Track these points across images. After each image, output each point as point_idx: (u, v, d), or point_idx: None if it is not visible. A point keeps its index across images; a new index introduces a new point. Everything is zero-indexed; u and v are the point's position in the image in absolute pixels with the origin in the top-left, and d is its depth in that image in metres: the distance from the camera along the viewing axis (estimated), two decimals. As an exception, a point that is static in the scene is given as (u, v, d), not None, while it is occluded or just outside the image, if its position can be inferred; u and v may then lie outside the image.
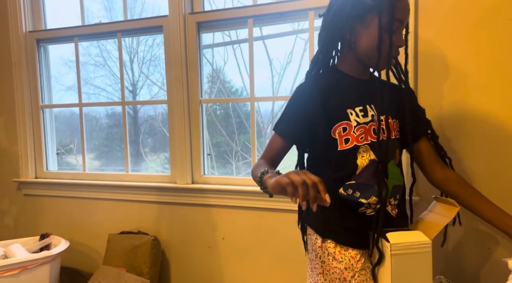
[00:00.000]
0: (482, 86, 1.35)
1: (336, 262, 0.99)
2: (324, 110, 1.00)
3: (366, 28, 0.98)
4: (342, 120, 1.00)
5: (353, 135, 0.99)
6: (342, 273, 0.98)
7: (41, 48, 2.18)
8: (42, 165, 2.20)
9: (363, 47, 1.00)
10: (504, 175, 1.35)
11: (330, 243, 1.01)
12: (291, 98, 1.05)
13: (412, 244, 0.91)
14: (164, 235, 1.93)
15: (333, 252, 1.00)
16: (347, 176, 1.00)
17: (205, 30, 1.85)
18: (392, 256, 0.89)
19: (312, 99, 1.00)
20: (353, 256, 0.99)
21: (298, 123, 1.02)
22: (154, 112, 2.12)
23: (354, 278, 0.97)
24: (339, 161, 1.00)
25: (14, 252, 1.79)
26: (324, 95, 1.00)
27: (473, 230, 1.41)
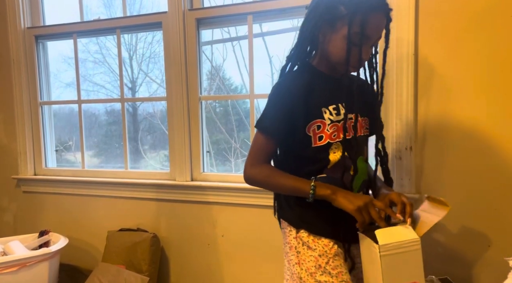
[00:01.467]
0: (481, 85, 1.35)
1: (310, 250, 1.03)
2: (303, 108, 1.02)
3: (335, 34, 0.99)
4: (317, 118, 1.03)
5: (326, 132, 1.03)
6: (317, 260, 1.02)
7: (39, 45, 2.17)
8: (41, 162, 2.19)
9: (329, 50, 1.03)
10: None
11: (303, 233, 1.05)
12: (274, 97, 1.06)
13: (401, 243, 0.91)
14: (163, 232, 1.92)
15: (307, 241, 1.04)
16: (319, 169, 1.04)
17: (205, 26, 1.84)
18: (381, 257, 0.89)
19: (294, 98, 1.02)
20: (326, 244, 1.03)
21: (285, 122, 1.03)
22: (153, 110, 2.12)
23: (329, 264, 1.01)
24: (313, 156, 1.04)
25: (13, 249, 1.79)
26: (304, 93, 1.03)
27: (472, 228, 1.41)
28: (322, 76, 1.08)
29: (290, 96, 1.03)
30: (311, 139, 1.04)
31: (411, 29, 1.40)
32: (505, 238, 1.36)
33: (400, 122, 1.45)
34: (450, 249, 1.44)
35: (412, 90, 1.42)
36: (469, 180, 1.39)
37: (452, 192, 1.41)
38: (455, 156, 1.40)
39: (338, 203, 0.96)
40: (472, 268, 1.42)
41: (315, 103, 1.03)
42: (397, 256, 0.91)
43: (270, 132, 1.05)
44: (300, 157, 1.06)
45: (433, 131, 1.42)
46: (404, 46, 1.41)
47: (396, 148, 1.46)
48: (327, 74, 1.08)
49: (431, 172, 1.44)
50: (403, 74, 1.43)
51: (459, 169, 1.40)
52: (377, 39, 1.02)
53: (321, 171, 1.04)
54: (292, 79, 1.08)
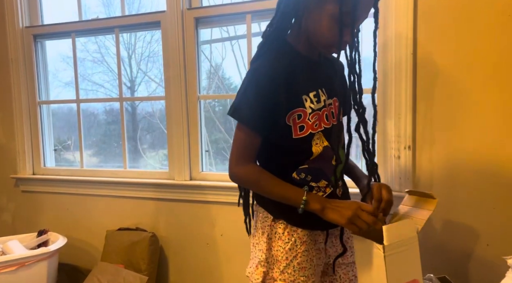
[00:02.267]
0: (481, 84, 1.35)
1: (282, 242, 1.02)
2: (284, 95, 0.94)
3: (322, 11, 0.92)
4: (298, 107, 0.97)
5: (308, 122, 0.97)
6: (286, 253, 1.01)
7: (38, 44, 2.16)
8: (39, 162, 2.19)
9: (313, 28, 0.95)
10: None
11: (281, 224, 1.02)
12: (252, 84, 0.95)
13: (402, 241, 0.91)
14: (162, 231, 1.92)
15: (281, 233, 1.02)
16: (300, 161, 1.00)
17: (203, 25, 1.84)
18: (386, 257, 0.89)
19: (275, 84, 0.93)
20: (300, 237, 1.01)
21: (267, 112, 0.95)
22: (152, 109, 2.11)
23: (296, 258, 1.01)
24: (293, 148, 0.98)
25: (11, 248, 1.79)
26: (284, 79, 0.94)
27: (470, 227, 1.41)
28: (300, 58, 1.00)
29: (270, 82, 0.93)
30: (291, 129, 0.97)
31: (409, 28, 1.40)
32: (504, 237, 1.37)
33: (399, 121, 1.45)
34: (449, 248, 1.44)
35: (411, 89, 1.42)
36: (468, 180, 1.39)
37: (451, 191, 1.41)
38: (454, 155, 1.40)
39: (328, 218, 0.94)
40: (471, 267, 1.42)
41: (296, 90, 0.96)
42: (399, 254, 0.90)
43: (254, 125, 0.96)
44: (279, 148, 1.00)
45: (432, 130, 1.42)
46: (403, 46, 1.42)
47: (395, 147, 1.46)
48: (304, 55, 1.01)
49: (430, 171, 1.44)
50: (402, 73, 1.43)
51: (458, 169, 1.40)
52: (364, 19, 0.96)
53: (302, 163, 1.00)
54: (271, 62, 0.96)
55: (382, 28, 1.45)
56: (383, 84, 1.47)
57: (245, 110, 0.96)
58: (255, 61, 1.02)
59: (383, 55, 1.46)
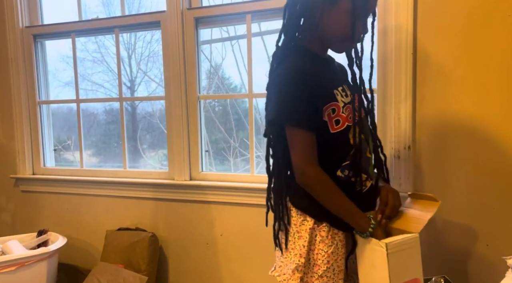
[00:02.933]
0: (481, 84, 1.35)
1: (325, 245, 1.00)
2: (317, 90, 0.95)
3: (337, 12, 0.96)
4: (331, 101, 0.98)
5: (342, 115, 0.98)
6: (328, 256, 1.00)
7: (38, 44, 2.16)
8: (39, 161, 2.19)
9: (330, 27, 0.99)
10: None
11: (324, 227, 1.01)
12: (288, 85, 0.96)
13: (404, 240, 0.93)
14: (162, 231, 1.92)
15: (324, 236, 1.01)
16: (342, 158, 1.00)
17: (203, 25, 1.84)
18: (388, 255, 0.90)
19: (310, 79, 0.95)
20: (341, 240, 1.02)
21: (310, 108, 0.94)
22: (152, 109, 2.11)
23: (337, 262, 1.01)
24: (333, 144, 0.98)
25: (11, 248, 1.79)
26: (315, 76, 0.96)
27: (470, 227, 1.41)
28: (318, 58, 1.03)
29: (304, 78, 0.94)
30: (327, 125, 0.97)
31: (409, 27, 1.40)
32: (503, 237, 1.37)
33: (399, 121, 1.45)
34: (448, 248, 1.44)
35: (411, 88, 1.42)
36: (467, 179, 1.39)
37: (451, 191, 1.41)
38: (454, 155, 1.40)
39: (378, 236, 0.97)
40: (470, 267, 1.42)
41: (326, 85, 0.98)
42: (401, 253, 0.92)
43: (306, 123, 0.94)
44: (319, 150, 0.97)
45: (432, 130, 1.42)
46: (402, 45, 1.41)
47: (394, 147, 1.46)
48: (320, 56, 1.04)
49: (429, 171, 1.44)
50: (401, 73, 1.43)
51: (458, 168, 1.40)
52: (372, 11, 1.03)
53: (344, 159, 0.99)
54: (297, 62, 0.99)
55: (382, 29, 1.45)
56: (383, 84, 1.47)
57: (291, 112, 0.95)
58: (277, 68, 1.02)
59: (383, 56, 1.46)
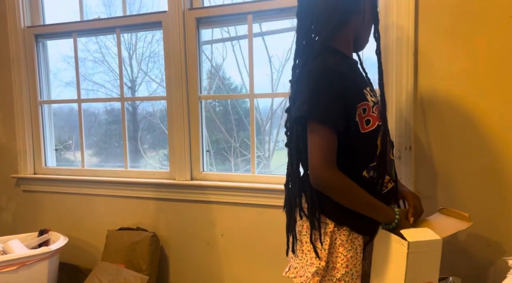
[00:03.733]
0: (481, 84, 1.35)
1: (344, 249, 0.99)
2: (349, 91, 0.93)
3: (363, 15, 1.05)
4: (362, 101, 0.95)
5: (373, 115, 0.97)
6: (348, 260, 0.99)
7: (39, 44, 2.17)
8: (40, 161, 2.19)
9: (360, 31, 1.08)
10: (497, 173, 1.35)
11: (345, 231, 0.99)
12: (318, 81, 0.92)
13: (428, 242, 0.92)
14: (163, 231, 1.93)
15: (344, 240, 0.99)
16: (369, 158, 0.99)
17: (205, 26, 1.84)
18: (409, 254, 0.90)
19: (343, 77, 0.92)
20: (360, 244, 1.01)
21: (341, 108, 0.91)
22: (153, 109, 2.12)
23: (355, 267, 1.00)
24: (363, 144, 0.96)
25: (12, 248, 1.79)
26: (345, 76, 0.94)
27: (471, 228, 1.40)
28: (346, 57, 1.04)
29: (340, 77, 0.91)
30: (358, 125, 0.94)
31: (411, 28, 1.40)
32: (504, 237, 1.37)
33: (400, 121, 1.45)
34: (449, 249, 1.44)
35: (412, 88, 1.42)
36: (468, 180, 1.39)
37: (451, 192, 1.41)
38: (454, 156, 1.40)
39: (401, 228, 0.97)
40: (471, 268, 1.42)
41: (358, 85, 0.98)
42: (422, 254, 0.92)
43: (331, 122, 0.90)
44: (347, 149, 0.94)
45: (433, 131, 1.42)
46: (403, 46, 1.42)
47: (395, 147, 1.46)
48: (347, 55, 1.06)
49: (430, 171, 1.44)
50: (402, 74, 1.43)
51: (458, 169, 1.40)
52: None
53: (371, 160, 0.98)
54: (329, 60, 0.95)
55: (383, 30, 1.46)
56: (385, 84, 1.47)
57: (317, 109, 0.90)
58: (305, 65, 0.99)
59: (384, 56, 1.46)
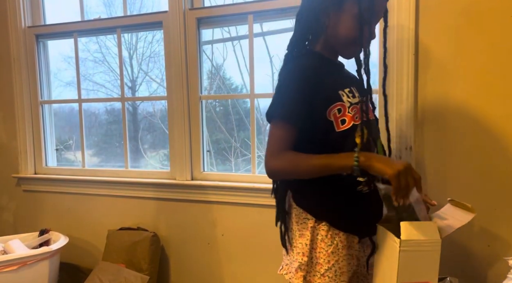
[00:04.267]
0: (481, 85, 1.35)
1: (325, 245, 1.01)
2: (319, 91, 0.98)
3: (342, 16, 0.99)
4: (337, 101, 1.00)
5: (348, 115, 1.00)
6: (328, 256, 1.01)
7: (40, 44, 2.17)
8: (41, 161, 2.20)
9: (338, 32, 1.02)
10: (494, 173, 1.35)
11: (324, 226, 1.02)
12: (286, 83, 1.00)
13: (422, 241, 0.90)
14: (163, 231, 1.93)
15: (324, 235, 1.01)
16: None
17: (205, 26, 1.85)
18: (400, 252, 0.89)
19: (308, 81, 0.98)
20: (342, 240, 1.01)
21: (303, 105, 0.97)
22: (153, 109, 2.12)
23: (338, 263, 1.01)
24: (338, 142, 0.99)
25: (13, 247, 1.80)
26: (319, 75, 0.99)
27: (471, 227, 1.41)
28: (326, 59, 1.06)
29: (304, 79, 0.98)
30: (333, 124, 0.99)
31: (411, 27, 1.40)
32: (505, 237, 1.37)
33: (400, 121, 1.45)
34: (449, 249, 1.44)
35: (412, 89, 1.42)
36: (469, 180, 1.39)
37: (452, 192, 1.41)
38: (455, 156, 1.40)
39: (375, 167, 0.89)
40: (471, 268, 1.42)
41: (331, 86, 1.00)
42: (415, 253, 0.90)
43: (288, 118, 0.97)
44: (324, 145, 0.99)
45: (433, 131, 1.43)
46: (404, 46, 1.42)
47: (396, 147, 1.46)
48: (328, 58, 1.07)
49: (430, 171, 1.44)
50: (403, 74, 1.43)
51: (459, 169, 1.40)
52: (380, 17, 1.04)
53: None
54: (301, 63, 1.03)
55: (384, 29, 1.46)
56: (385, 84, 1.47)
57: (279, 108, 0.99)
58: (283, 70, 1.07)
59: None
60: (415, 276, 0.91)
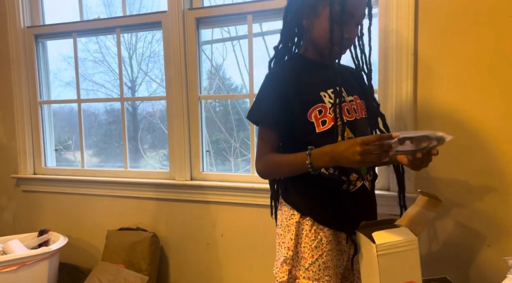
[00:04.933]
0: (481, 86, 1.35)
1: (308, 239, 1.03)
2: (298, 93, 1.02)
3: (317, 18, 1.02)
4: (317, 103, 1.02)
5: (329, 116, 1.02)
6: (312, 251, 1.02)
7: (39, 44, 2.17)
8: (40, 161, 2.19)
9: (315, 36, 1.05)
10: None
11: (308, 221, 1.04)
12: (265, 87, 1.06)
13: (398, 242, 0.92)
14: (163, 231, 1.93)
15: (308, 230, 1.04)
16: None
17: (204, 26, 1.84)
18: (378, 257, 0.90)
19: (286, 84, 1.02)
20: (326, 236, 1.03)
21: (281, 109, 1.02)
22: (153, 109, 2.12)
23: (321, 257, 1.02)
24: (319, 142, 1.01)
25: (12, 248, 1.79)
26: (296, 79, 1.03)
27: (471, 227, 1.41)
28: (311, 62, 1.09)
29: (282, 83, 1.03)
30: (314, 125, 1.02)
31: (410, 28, 1.40)
32: (504, 237, 1.37)
33: (400, 121, 1.45)
34: (449, 249, 1.44)
35: (412, 89, 1.42)
36: (468, 180, 1.39)
37: (452, 192, 1.41)
38: (455, 155, 1.40)
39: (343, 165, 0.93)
40: (471, 268, 1.42)
41: (312, 89, 1.03)
42: (394, 255, 0.92)
43: (270, 123, 1.05)
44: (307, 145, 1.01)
45: (432, 130, 1.42)
46: (403, 46, 1.42)
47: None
48: (314, 60, 1.09)
49: (430, 171, 1.44)
50: (402, 74, 1.43)
51: (459, 168, 1.40)
52: (361, 16, 1.04)
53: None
54: (282, 67, 1.10)
55: (383, 29, 1.46)
56: (384, 84, 1.47)
57: (260, 112, 1.06)
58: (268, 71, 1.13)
59: (384, 58, 1.47)
60: (398, 278, 0.93)
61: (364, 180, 1.07)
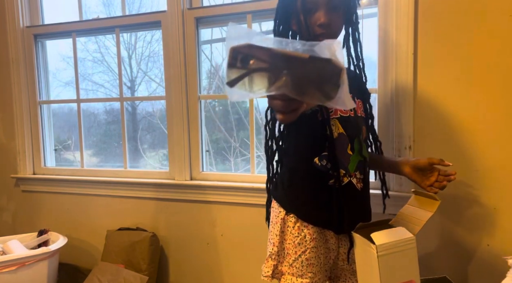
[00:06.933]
0: (481, 85, 1.35)
1: (292, 236, 1.05)
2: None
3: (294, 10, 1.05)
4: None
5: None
6: (295, 247, 1.04)
7: (38, 44, 2.17)
8: (40, 161, 2.19)
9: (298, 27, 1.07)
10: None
11: (292, 218, 1.06)
12: None
13: (397, 242, 0.93)
14: (163, 231, 1.92)
15: (292, 226, 1.05)
16: (321, 147, 1.04)
17: (204, 25, 1.84)
18: (379, 257, 0.91)
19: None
20: (310, 233, 1.04)
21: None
22: (152, 109, 2.11)
23: (305, 254, 1.03)
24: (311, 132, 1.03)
25: (12, 248, 1.79)
26: None
27: (471, 227, 1.41)
28: None
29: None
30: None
31: (410, 27, 1.40)
32: (504, 237, 1.37)
33: (400, 121, 1.45)
34: (449, 248, 1.44)
35: (412, 88, 1.42)
36: (468, 180, 1.39)
37: (452, 192, 1.41)
38: (454, 155, 1.40)
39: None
40: (471, 267, 1.42)
41: None
42: (393, 255, 0.92)
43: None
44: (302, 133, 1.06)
45: (432, 130, 1.42)
46: (403, 45, 1.42)
47: (395, 147, 1.46)
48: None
49: (430, 171, 1.44)
50: (402, 73, 1.43)
51: (458, 169, 1.40)
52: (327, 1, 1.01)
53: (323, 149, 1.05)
54: None
55: (383, 28, 1.46)
56: (384, 84, 1.47)
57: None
58: None
59: (384, 57, 1.46)
60: (397, 278, 0.93)
61: (351, 177, 1.07)
